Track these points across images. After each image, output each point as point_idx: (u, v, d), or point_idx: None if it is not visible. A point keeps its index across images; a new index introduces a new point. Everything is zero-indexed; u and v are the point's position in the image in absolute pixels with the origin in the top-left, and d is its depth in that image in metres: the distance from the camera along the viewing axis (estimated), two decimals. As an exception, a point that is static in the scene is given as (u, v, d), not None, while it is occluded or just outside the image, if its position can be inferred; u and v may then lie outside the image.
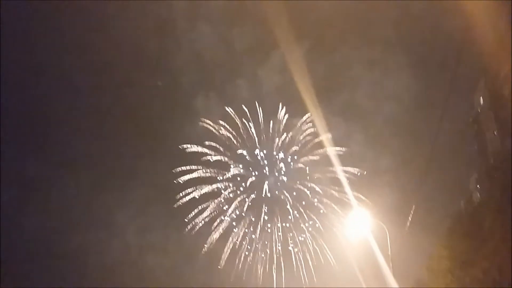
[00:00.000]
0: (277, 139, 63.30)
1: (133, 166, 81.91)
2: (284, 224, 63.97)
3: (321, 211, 60.31)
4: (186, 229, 60.94)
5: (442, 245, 27.76)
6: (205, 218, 61.51)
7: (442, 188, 52.20)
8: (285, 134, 62.74)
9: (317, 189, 60.56)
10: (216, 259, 61.89)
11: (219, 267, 61.56)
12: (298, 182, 63.52)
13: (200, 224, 62.11)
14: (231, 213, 62.94)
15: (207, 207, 61.98)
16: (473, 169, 52.41)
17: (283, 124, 65.07)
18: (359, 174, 59.72)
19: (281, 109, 62.68)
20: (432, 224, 33.95)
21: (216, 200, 63.17)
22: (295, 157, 65.93)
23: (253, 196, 64.38)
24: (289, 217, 63.75)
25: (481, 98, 54.40)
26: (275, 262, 62.26)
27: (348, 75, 73.10)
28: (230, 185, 64.37)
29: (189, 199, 62.73)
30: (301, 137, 64.24)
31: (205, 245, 61.21)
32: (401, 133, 68.32)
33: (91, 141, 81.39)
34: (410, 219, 22.09)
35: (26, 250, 63.88)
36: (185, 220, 60.96)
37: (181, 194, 61.56)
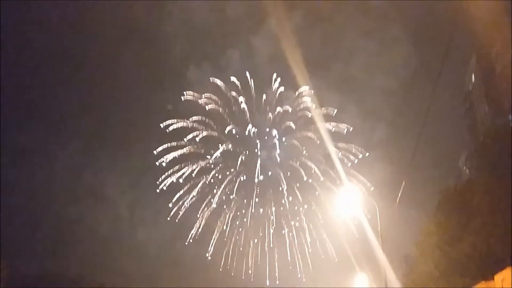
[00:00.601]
0: (270, 113, 62.07)
1: (123, 136, 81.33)
2: (276, 207, 63.78)
3: (316, 192, 60.12)
4: (171, 214, 59.92)
5: (431, 221, 28.08)
6: (191, 199, 60.81)
7: (432, 165, 52.70)
8: (279, 108, 60.87)
9: (312, 166, 60.24)
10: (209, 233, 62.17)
11: (207, 255, 61.79)
12: (292, 160, 63.07)
13: (186, 206, 61.62)
14: (219, 194, 62.37)
15: (195, 186, 61.20)
16: (463, 146, 52.97)
17: (277, 96, 63.66)
18: (357, 152, 59.82)
19: (275, 81, 61.12)
20: (422, 200, 34.32)
21: (205, 179, 62.43)
22: (289, 133, 65.14)
23: (243, 177, 64.11)
24: (283, 200, 63.36)
25: (473, 75, 54.54)
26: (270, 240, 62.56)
27: (343, 46, 72.42)
28: (220, 163, 63.69)
29: (177, 178, 62.18)
30: (296, 111, 63.11)
31: (192, 232, 60.88)
32: (393, 108, 68.48)
33: (81, 110, 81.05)
34: (400, 195, 22.22)
35: (17, 220, 63.84)
36: (170, 203, 59.69)
37: (168, 172, 60.99)
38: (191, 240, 60.48)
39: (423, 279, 28.49)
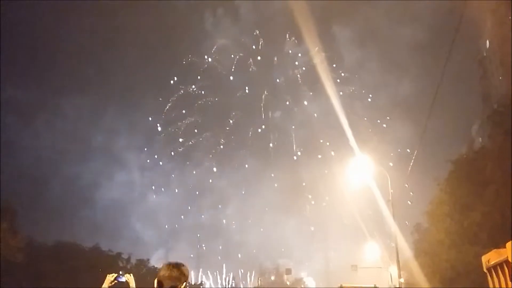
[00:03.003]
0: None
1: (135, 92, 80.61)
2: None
3: (332, 152, 60.46)
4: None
5: (442, 190, 27.95)
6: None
7: (444, 134, 52.22)
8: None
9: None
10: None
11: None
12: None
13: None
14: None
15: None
16: (476, 114, 52.18)
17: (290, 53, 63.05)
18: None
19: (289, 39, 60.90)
20: (434, 169, 34.07)
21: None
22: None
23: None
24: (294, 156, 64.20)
25: (487, 41, 53.22)
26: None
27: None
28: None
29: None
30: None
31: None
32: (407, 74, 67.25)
33: (91, 66, 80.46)
34: (411, 165, 22.08)
35: (24, 179, 64.53)
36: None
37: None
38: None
39: (434, 248, 28.58)
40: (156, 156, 75.48)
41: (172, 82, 72.12)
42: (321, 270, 69.11)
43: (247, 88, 72.17)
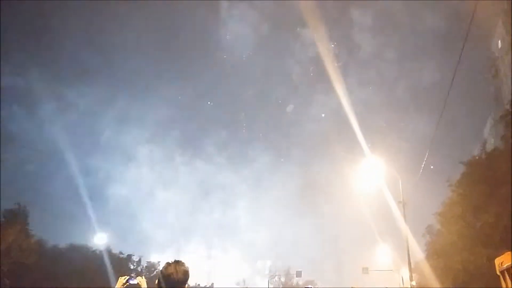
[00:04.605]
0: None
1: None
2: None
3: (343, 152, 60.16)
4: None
5: (454, 191, 27.72)
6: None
7: (456, 134, 51.80)
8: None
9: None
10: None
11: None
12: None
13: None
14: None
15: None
16: (488, 114, 51.68)
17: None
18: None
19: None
20: (445, 170, 33.83)
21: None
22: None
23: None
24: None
25: (499, 41, 52.74)
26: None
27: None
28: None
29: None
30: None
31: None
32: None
33: (100, 54, 79.28)
34: (423, 166, 21.96)
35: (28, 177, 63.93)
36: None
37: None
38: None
39: (446, 250, 28.34)
40: (167, 151, 74.58)
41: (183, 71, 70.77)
42: (332, 273, 68.99)
43: (260, 79, 71.32)
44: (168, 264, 3.45)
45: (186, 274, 3.44)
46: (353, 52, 69.83)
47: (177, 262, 3.46)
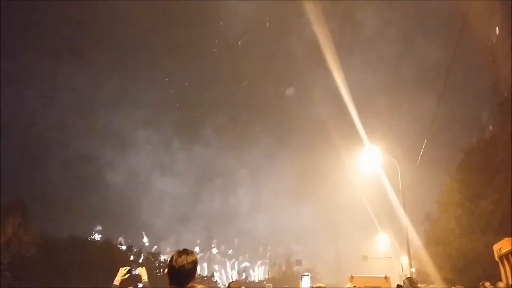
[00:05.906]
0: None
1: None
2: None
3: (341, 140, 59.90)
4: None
5: (453, 178, 27.77)
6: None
7: (454, 122, 51.76)
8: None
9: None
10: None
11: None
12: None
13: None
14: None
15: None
16: (486, 102, 51.58)
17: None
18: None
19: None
20: (444, 158, 33.85)
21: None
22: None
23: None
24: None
25: (497, 28, 52.46)
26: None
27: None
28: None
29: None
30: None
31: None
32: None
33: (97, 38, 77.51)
34: (421, 153, 21.95)
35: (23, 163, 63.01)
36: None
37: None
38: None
39: (445, 237, 28.45)
40: (165, 134, 73.50)
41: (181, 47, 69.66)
42: (331, 260, 69.25)
43: (261, 58, 70.19)
44: (177, 253, 3.37)
45: (195, 264, 3.38)
46: (356, 30, 68.66)
47: (186, 252, 3.39)
